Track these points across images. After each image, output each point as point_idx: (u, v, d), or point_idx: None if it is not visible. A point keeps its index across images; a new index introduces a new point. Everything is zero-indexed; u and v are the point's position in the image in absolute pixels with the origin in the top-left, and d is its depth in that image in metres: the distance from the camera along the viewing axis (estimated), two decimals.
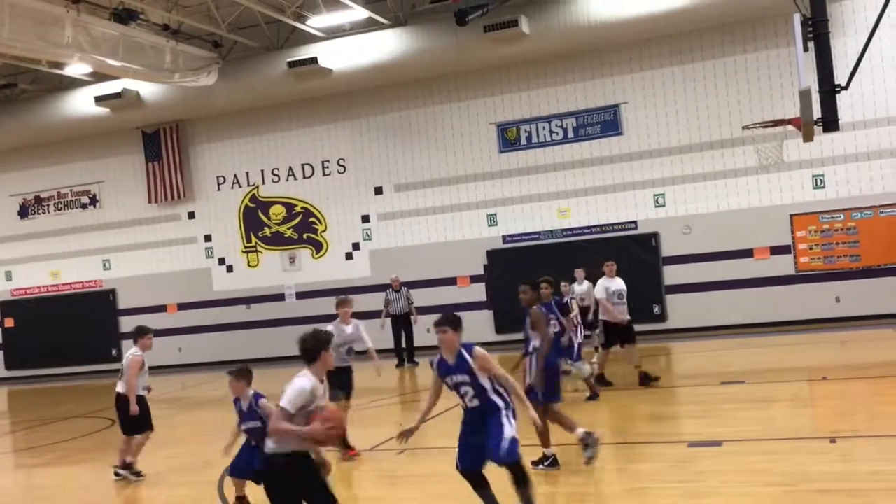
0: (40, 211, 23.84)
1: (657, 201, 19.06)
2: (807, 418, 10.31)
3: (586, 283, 14.88)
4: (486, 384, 6.28)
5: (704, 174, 18.67)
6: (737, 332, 17.74)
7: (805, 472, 7.32)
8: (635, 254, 18.80)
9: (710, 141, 18.62)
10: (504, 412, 6.24)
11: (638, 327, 16.70)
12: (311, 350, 5.61)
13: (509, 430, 6.16)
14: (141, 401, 9.82)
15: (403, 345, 18.60)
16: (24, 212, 23.97)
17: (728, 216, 18.50)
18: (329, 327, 8.89)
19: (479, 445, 6.23)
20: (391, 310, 18.59)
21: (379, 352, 11.23)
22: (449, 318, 6.43)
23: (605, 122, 19.35)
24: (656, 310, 18.88)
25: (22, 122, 21.76)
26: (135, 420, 9.67)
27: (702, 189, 18.72)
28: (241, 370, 7.46)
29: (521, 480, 6.28)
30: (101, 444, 12.44)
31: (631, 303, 13.25)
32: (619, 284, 13.01)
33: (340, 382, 9.95)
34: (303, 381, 5.49)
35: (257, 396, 7.45)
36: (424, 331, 17.80)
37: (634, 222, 19.19)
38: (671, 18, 17.36)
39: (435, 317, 6.75)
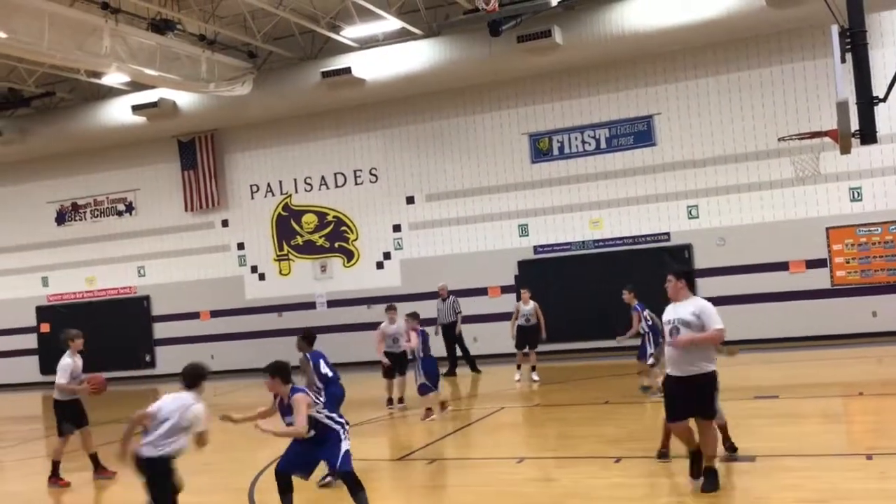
0: (77, 218, 24.21)
1: (691, 213, 18.90)
2: (842, 434, 10.14)
3: None
4: (317, 417, 7.05)
5: (739, 186, 18.49)
6: (771, 347, 17.51)
7: (839, 490, 7.19)
8: (667, 266, 18.60)
9: (745, 152, 18.45)
10: (341, 432, 7.06)
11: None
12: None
13: (345, 445, 7.02)
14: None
15: (458, 353, 18.13)
16: (61, 218, 24.36)
17: (763, 229, 18.30)
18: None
19: (305, 455, 7.07)
20: (438, 319, 18.21)
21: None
22: (273, 366, 7.17)
23: (639, 132, 19.25)
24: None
25: (60, 130, 22.13)
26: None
27: (736, 201, 18.54)
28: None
29: (354, 488, 6.98)
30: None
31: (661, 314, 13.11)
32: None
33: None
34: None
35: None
36: (347, 351, 18.09)
37: (667, 234, 19.05)
38: (706, 29, 17.24)
39: (466, 327, 6.86)
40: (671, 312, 7.64)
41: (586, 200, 19.62)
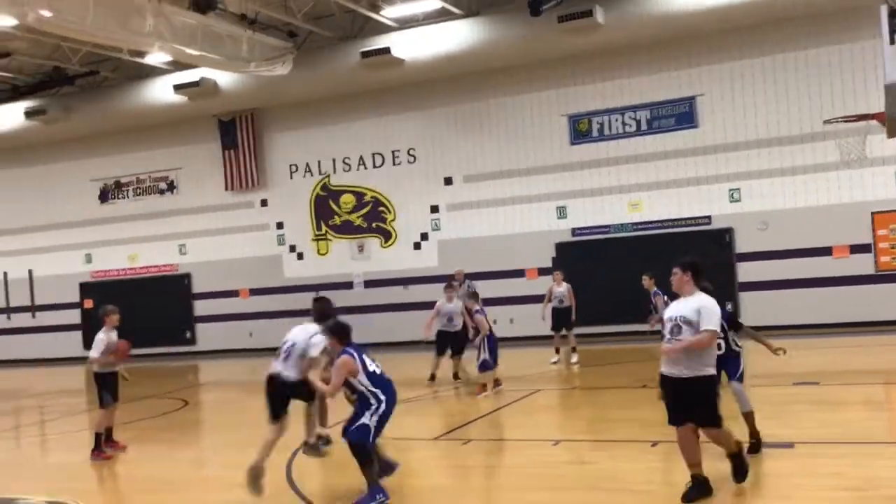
0: (120, 196, 24.56)
1: (732, 196, 18.65)
2: (883, 422, 9.99)
3: None
4: (356, 385, 7.21)
5: (783, 169, 18.19)
6: (812, 332, 17.26)
7: (879, 478, 7.08)
8: (708, 249, 18.43)
9: (789, 135, 18.14)
10: (372, 404, 7.14)
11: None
12: None
13: (367, 418, 7.09)
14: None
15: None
16: (104, 196, 24.72)
17: (807, 213, 18.01)
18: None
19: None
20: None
21: None
22: (332, 326, 7.49)
23: (681, 114, 19.00)
24: (729, 307, 18.45)
25: (103, 108, 22.42)
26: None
27: (780, 184, 18.26)
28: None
29: (361, 460, 7.09)
30: (175, 424, 12.77)
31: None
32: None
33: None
34: None
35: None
36: (382, 331, 18.43)
37: (708, 217, 18.82)
38: (752, 8, 16.92)
39: (503, 309, 6.91)
40: (674, 308, 6.94)
41: (626, 183, 19.45)
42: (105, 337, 10.33)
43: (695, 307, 6.77)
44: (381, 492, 7.05)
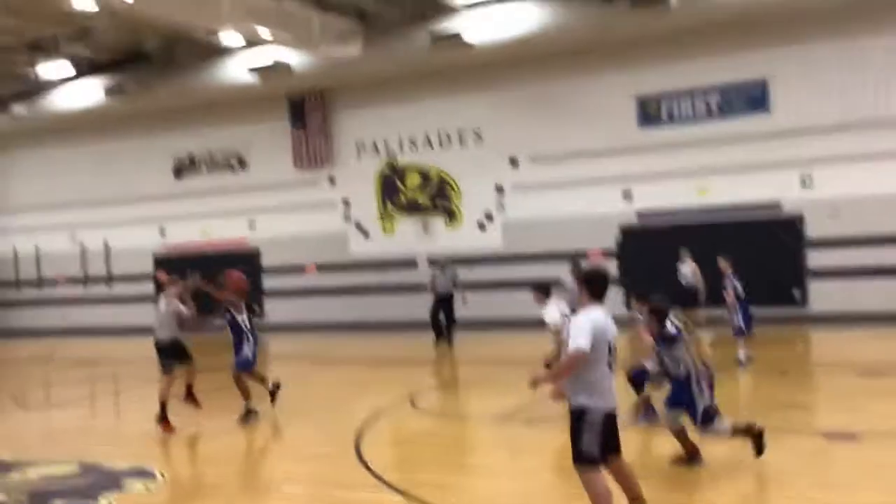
0: (194, 171, 25.19)
1: (804, 182, 18.32)
2: None
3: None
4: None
5: (856, 155, 17.76)
6: (884, 322, 16.91)
7: None
8: (777, 236, 18.19)
9: (865, 119, 17.70)
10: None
11: (774, 312, 16.28)
12: None
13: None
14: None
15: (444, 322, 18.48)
16: (178, 171, 25.39)
17: (881, 200, 17.60)
18: None
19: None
20: (434, 287, 18.56)
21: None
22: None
23: (752, 97, 18.69)
24: (796, 294, 18.23)
25: (179, 86, 22.93)
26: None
27: (853, 170, 17.84)
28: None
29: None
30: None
31: (769, 286, 13.08)
32: None
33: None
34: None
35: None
36: (465, 308, 18.35)
37: (778, 203, 18.53)
38: None
39: None
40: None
41: (694, 166, 19.22)
42: (165, 306, 10.76)
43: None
44: None
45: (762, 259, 15.74)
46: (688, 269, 16.10)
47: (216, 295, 11.04)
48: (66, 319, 26.48)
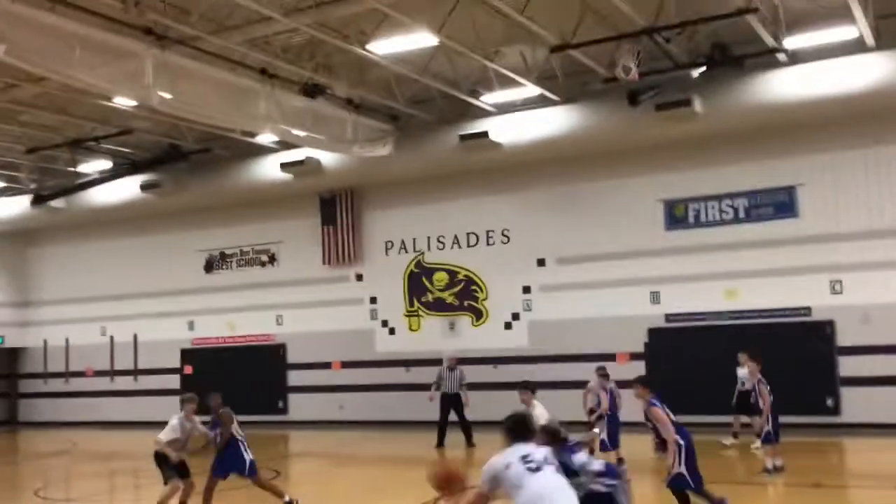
0: (224, 266, 25.52)
1: (834, 288, 18.18)
2: None
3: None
4: None
5: (888, 262, 17.64)
6: None
7: None
8: (808, 342, 17.96)
9: (892, 227, 17.66)
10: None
11: (808, 420, 15.93)
12: None
13: None
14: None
15: (454, 423, 18.43)
16: (209, 266, 25.72)
17: None
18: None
19: None
20: (444, 388, 18.53)
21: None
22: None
23: (780, 203, 18.75)
24: (829, 402, 17.86)
25: (214, 184, 23.51)
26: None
27: (884, 277, 17.69)
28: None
29: None
30: (269, 495, 13.00)
31: (800, 394, 12.82)
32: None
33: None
34: None
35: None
36: (473, 410, 18.31)
37: (808, 308, 18.35)
38: (855, 102, 16.66)
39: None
40: None
41: (722, 270, 19.17)
42: (178, 425, 10.75)
43: None
44: None
45: (792, 365, 15.56)
46: (745, 373, 15.55)
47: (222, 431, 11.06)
48: (92, 412, 26.48)
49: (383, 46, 14.99)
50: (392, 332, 23.02)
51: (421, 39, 14.73)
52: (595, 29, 15.00)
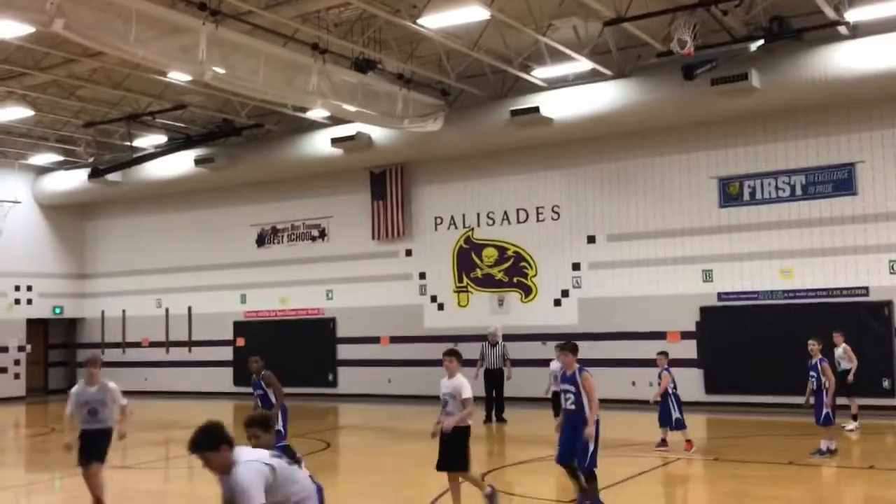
0: (275, 241, 25.80)
1: (893, 268, 17.72)
2: None
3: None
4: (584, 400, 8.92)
5: None
6: None
7: None
8: (865, 322, 17.57)
9: None
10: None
11: (864, 401, 15.65)
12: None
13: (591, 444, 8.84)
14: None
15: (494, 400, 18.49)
16: (261, 240, 26.03)
17: None
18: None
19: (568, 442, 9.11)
20: (486, 364, 18.51)
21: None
22: (567, 344, 9.44)
23: (839, 180, 18.30)
24: (886, 384, 17.48)
25: (266, 158, 23.75)
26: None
27: None
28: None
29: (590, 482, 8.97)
30: (320, 466, 13.18)
31: (856, 375, 12.59)
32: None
33: None
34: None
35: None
36: (521, 387, 18.45)
37: (866, 288, 17.93)
38: None
39: (643, 371, 6.95)
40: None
41: (777, 248, 18.83)
42: (78, 389, 9.52)
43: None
44: None
45: (848, 345, 15.29)
46: (841, 353, 15.35)
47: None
48: (147, 382, 27.11)
49: (434, 20, 14.90)
50: (441, 307, 23.08)
51: (472, 13, 14.61)
52: (650, 2, 14.73)
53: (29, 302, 27.81)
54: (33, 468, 15.15)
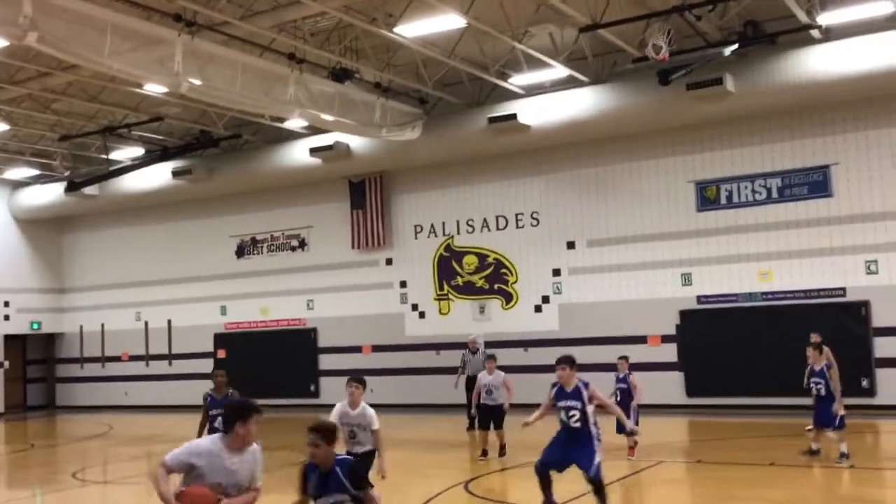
0: (255, 252, 25.69)
1: (869, 268, 17.92)
2: None
3: None
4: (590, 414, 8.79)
5: None
6: None
7: None
8: (842, 323, 17.74)
9: None
10: (595, 439, 8.78)
11: (843, 401, 15.73)
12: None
13: (599, 455, 8.71)
14: None
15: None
16: (240, 251, 25.91)
17: None
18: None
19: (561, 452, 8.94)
20: (468, 371, 18.36)
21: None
22: (567, 357, 9.18)
23: (814, 182, 18.49)
24: (864, 383, 17.65)
25: (244, 169, 23.69)
26: None
27: None
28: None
29: (600, 492, 8.69)
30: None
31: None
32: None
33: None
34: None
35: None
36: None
37: (843, 289, 18.12)
38: (885, 79, 16.41)
39: None
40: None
41: (755, 251, 18.99)
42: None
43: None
44: None
45: (827, 346, 15.36)
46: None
47: None
48: (128, 396, 26.86)
49: (411, 29, 14.94)
50: (422, 315, 23.07)
51: (448, 21, 14.68)
52: (625, 8, 14.85)
53: (6, 318, 27.48)
54: (14, 485, 14.97)
